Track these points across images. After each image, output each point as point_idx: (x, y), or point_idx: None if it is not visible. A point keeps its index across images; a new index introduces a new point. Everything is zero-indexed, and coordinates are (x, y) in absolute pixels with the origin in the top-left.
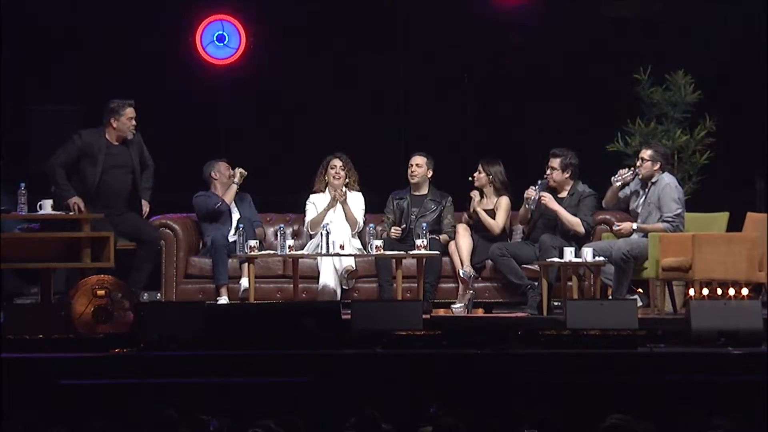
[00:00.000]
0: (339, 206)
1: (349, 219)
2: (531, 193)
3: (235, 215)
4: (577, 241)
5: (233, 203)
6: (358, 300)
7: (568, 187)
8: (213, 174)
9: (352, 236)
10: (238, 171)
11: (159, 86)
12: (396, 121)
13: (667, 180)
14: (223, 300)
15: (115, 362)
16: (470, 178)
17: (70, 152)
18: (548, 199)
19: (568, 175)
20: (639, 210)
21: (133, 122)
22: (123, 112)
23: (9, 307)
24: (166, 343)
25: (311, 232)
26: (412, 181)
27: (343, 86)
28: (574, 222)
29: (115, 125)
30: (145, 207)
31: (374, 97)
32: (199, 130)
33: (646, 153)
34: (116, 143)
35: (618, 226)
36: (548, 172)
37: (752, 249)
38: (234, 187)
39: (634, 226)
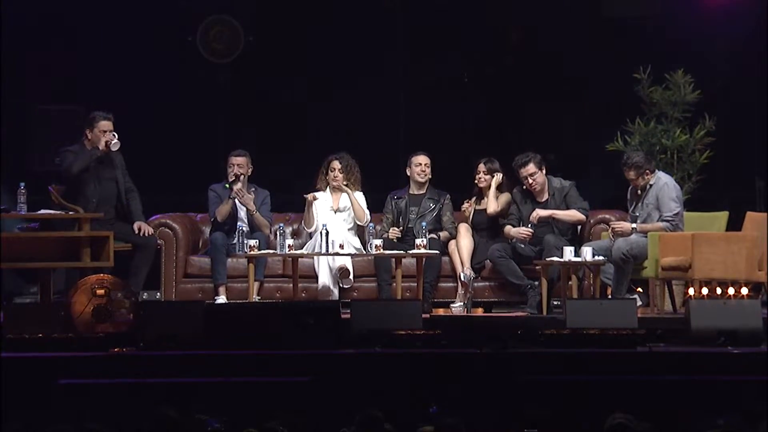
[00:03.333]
0: (339, 206)
1: (357, 212)
2: (523, 234)
3: (242, 213)
4: (579, 241)
5: (237, 204)
6: (358, 299)
7: (546, 187)
8: (228, 170)
9: (355, 234)
10: (231, 178)
11: (159, 86)
12: (396, 121)
13: (665, 180)
14: (221, 299)
15: (114, 362)
16: (476, 182)
17: (70, 156)
18: (540, 214)
19: (544, 172)
20: (637, 213)
21: (108, 135)
22: (96, 124)
23: (9, 306)
24: (165, 343)
25: (307, 230)
26: (421, 180)
27: (343, 86)
28: (572, 214)
29: (89, 136)
30: (145, 227)
31: (374, 97)
32: (198, 130)
33: (631, 173)
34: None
35: (615, 225)
36: (529, 181)
37: (752, 248)
38: (229, 203)
39: (633, 225)
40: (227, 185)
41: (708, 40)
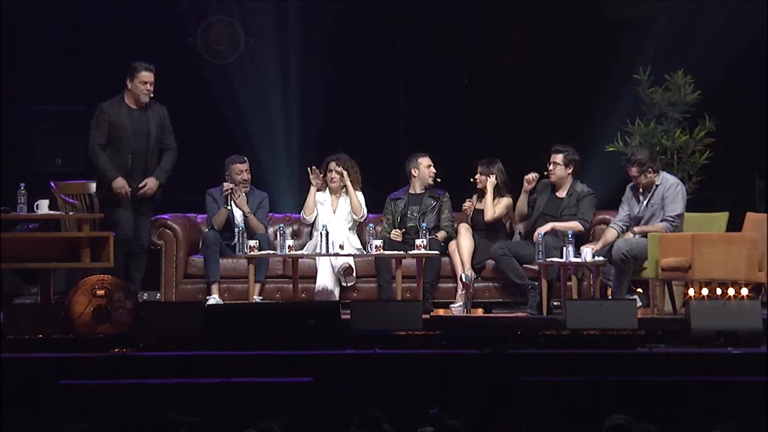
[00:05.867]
0: (339, 206)
1: (354, 206)
2: (531, 177)
3: (238, 214)
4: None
5: (233, 208)
6: (358, 300)
7: (568, 186)
8: (235, 177)
9: (355, 233)
10: (227, 187)
11: (159, 86)
12: (396, 121)
13: (672, 180)
14: (213, 299)
15: (115, 362)
16: (471, 180)
17: (102, 128)
18: (547, 227)
19: (570, 171)
20: (641, 213)
21: (148, 86)
22: (137, 75)
23: (9, 307)
24: (165, 343)
25: (306, 217)
26: (431, 183)
27: (343, 86)
28: (572, 226)
29: (129, 87)
30: (151, 185)
31: (374, 97)
32: (198, 131)
33: (633, 170)
34: (135, 107)
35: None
36: (550, 167)
37: (752, 249)
38: (223, 212)
39: (636, 229)
40: (226, 206)
41: (708, 41)
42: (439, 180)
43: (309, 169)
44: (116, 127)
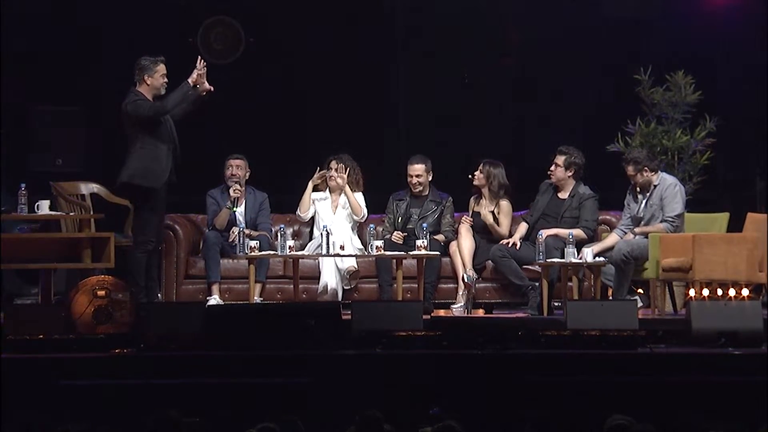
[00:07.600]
0: (339, 207)
1: (353, 207)
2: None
3: (239, 213)
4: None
5: (236, 205)
6: (359, 300)
7: (570, 188)
8: (225, 172)
9: (356, 233)
10: (231, 192)
11: None
12: (396, 121)
13: (670, 180)
14: (214, 299)
15: (115, 362)
16: (470, 177)
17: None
18: (547, 232)
19: (570, 174)
20: (641, 214)
21: (166, 79)
22: (156, 69)
23: (9, 307)
24: (166, 343)
25: (301, 215)
26: (414, 191)
27: (343, 86)
28: (576, 234)
29: (149, 82)
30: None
31: (374, 97)
32: (198, 131)
33: (630, 168)
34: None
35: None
36: (552, 168)
37: (752, 249)
38: (226, 212)
39: (636, 230)
40: (231, 208)
41: (708, 41)
42: (425, 187)
43: (318, 168)
44: (159, 120)
